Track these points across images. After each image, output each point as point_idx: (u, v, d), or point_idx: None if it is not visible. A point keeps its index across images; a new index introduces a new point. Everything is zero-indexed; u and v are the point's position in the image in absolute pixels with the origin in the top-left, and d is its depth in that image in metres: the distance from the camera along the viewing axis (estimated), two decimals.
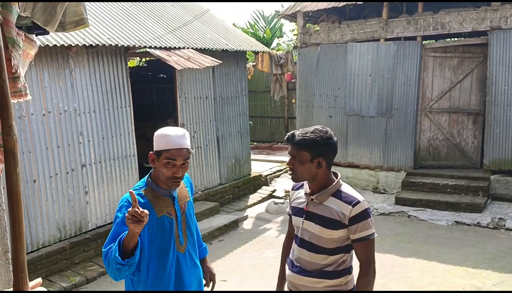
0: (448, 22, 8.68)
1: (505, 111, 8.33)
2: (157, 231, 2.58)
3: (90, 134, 6.47)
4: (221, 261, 6.50)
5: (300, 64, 10.53)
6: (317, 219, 2.59)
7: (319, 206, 2.60)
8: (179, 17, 8.87)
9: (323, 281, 2.61)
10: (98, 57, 6.54)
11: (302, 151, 2.52)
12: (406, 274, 5.83)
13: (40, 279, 1.52)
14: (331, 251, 2.59)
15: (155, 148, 2.58)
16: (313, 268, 2.62)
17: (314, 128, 2.56)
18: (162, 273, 2.60)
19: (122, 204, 2.56)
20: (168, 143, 2.53)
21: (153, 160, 2.60)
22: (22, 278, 1.41)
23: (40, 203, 5.91)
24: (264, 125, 15.11)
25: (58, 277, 5.87)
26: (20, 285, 1.41)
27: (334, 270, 2.61)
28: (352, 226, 2.51)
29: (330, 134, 2.56)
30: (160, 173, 2.58)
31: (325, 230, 2.55)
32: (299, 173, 2.58)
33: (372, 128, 9.61)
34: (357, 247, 2.57)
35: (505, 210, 7.91)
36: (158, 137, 2.58)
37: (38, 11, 1.82)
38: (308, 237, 2.63)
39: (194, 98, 8.31)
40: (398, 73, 9.23)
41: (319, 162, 2.53)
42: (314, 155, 2.51)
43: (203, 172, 8.63)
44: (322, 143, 2.51)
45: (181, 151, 2.54)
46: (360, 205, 2.52)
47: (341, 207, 2.53)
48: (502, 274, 5.69)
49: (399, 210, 8.34)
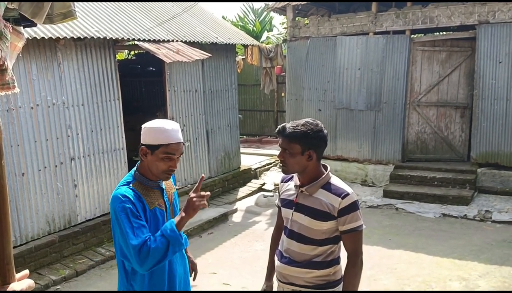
0: (437, 16, 8.73)
1: (492, 105, 8.42)
2: (150, 223, 2.58)
3: (78, 127, 6.44)
4: (210, 253, 6.53)
5: (289, 58, 10.54)
6: (306, 210, 2.62)
7: (309, 198, 2.63)
8: (168, 10, 8.84)
9: (312, 272, 2.65)
10: (87, 50, 6.50)
11: (293, 143, 2.54)
12: (393, 266, 5.89)
13: (27, 270, 1.53)
14: (320, 242, 2.62)
15: (148, 142, 2.53)
16: (302, 258, 2.66)
17: (305, 121, 2.58)
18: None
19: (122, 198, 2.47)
20: (167, 138, 2.51)
21: (145, 154, 2.56)
22: (8, 270, 1.42)
23: (28, 196, 5.88)
24: (253, 118, 15.11)
25: (47, 270, 5.86)
26: (7, 277, 1.42)
27: (322, 261, 2.65)
28: (341, 218, 2.55)
29: (320, 127, 2.59)
30: (153, 166, 2.56)
31: (315, 221, 2.59)
32: (290, 165, 2.60)
33: (361, 122, 9.67)
34: (345, 238, 2.62)
35: (492, 202, 8.01)
36: (153, 131, 2.53)
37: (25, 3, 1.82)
38: (298, 228, 2.66)
39: (184, 92, 8.30)
40: (387, 67, 9.28)
41: (310, 154, 2.56)
42: (305, 147, 2.54)
43: (193, 165, 8.63)
44: (312, 136, 2.54)
45: (179, 145, 2.56)
46: (349, 197, 2.56)
47: (331, 199, 2.57)
48: (487, 266, 5.78)
49: (387, 202, 8.41)
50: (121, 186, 2.58)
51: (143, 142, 2.57)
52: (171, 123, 2.58)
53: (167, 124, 2.56)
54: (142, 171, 2.63)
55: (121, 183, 2.63)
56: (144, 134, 2.57)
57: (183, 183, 8.36)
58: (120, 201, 2.46)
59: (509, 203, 7.89)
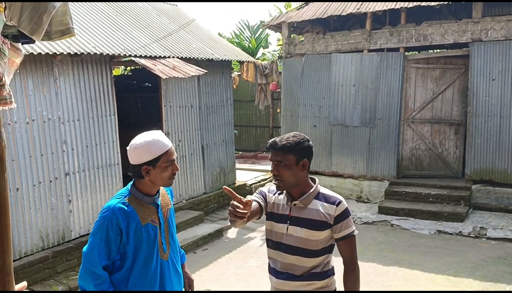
0: (430, 34, 8.83)
1: (486, 122, 8.48)
2: (142, 238, 2.59)
3: (74, 142, 6.44)
4: (205, 270, 6.49)
5: (284, 74, 10.60)
6: (303, 222, 2.64)
7: (303, 210, 2.66)
8: (164, 26, 8.90)
9: (313, 283, 2.67)
10: (83, 66, 6.53)
11: (287, 154, 2.58)
12: (388, 283, 5.88)
13: (25, 282, 1.54)
14: (317, 253, 2.66)
15: (146, 159, 2.54)
16: (302, 271, 2.67)
17: (294, 133, 2.67)
18: (144, 280, 2.61)
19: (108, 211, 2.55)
20: (162, 147, 2.57)
21: (147, 171, 2.57)
22: (8, 281, 1.44)
23: (23, 211, 5.85)
24: (249, 134, 15.14)
25: (40, 286, 5.80)
26: (7, 287, 1.43)
27: (321, 271, 2.69)
28: (337, 225, 2.62)
29: (308, 138, 2.68)
30: (157, 179, 2.59)
31: (312, 232, 2.62)
32: (286, 177, 2.60)
33: (356, 138, 9.71)
34: (342, 245, 2.67)
35: (486, 219, 8.03)
36: (146, 147, 2.54)
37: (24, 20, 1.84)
38: (295, 242, 2.67)
39: (179, 107, 8.33)
40: (381, 84, 9.36)
41: (304, 163, 2.62)
42: (299, 157, 2.59)
43: (188, 180, 8.62)
44: (305, 146, 2.62)
45: (172, 148, 2.64)
46: (342, 204, 2.65)
47: (326, 208, 2.63)
48: (483, 282, 5.78)
49: (382, 219, 8.42)
50: (115, 199, 2.60)
51: (140, 162, 2.56)
52: (154, 134, 2.62)
53: (153, 135, 2.60)
54: (139, 186, 2.65)
55: (116, 195, 2.65)
56: (136, 155, 2.56)
57: (178, 199, 8.34)
58: (104, 211, 2.56)
59: (503, 220, 7.91)
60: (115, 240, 2.53)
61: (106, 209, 2.56)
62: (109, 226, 2.51)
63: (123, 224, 2.52)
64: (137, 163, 2.57)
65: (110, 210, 2.53)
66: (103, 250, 2.52)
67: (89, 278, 2.52)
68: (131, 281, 2.59)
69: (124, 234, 2.53)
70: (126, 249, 2.57)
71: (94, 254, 2.51)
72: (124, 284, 2.60)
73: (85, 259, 2.55)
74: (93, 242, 2.54)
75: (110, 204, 2.58)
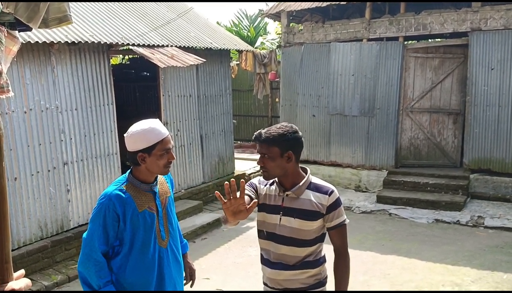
0: (430, 23, 8.80)
1: (485, 111, 8.48)
2: (138, 225, 2.61)
3: (72, 132, 6.43)
4: (204, 259, 6.51)
5: (283, 64, 10.57)
6: (296, 213, 2.65)
7: (296, 200, 2.67)
8: (162, 15, 8.85)
9: (307, 271, 2.70)
10: (81, 55, 6.50)
11: (271, 146, 2.58)
12: (387, 271, 5.91)
13: (23, 270, 1.55)
14: (310, 242, 2.68)
15: (142, 146, 2.57)
16: (295, 261, 2.69)
17: (280, 124, 2.66)
18: (141, 266, 2.63)
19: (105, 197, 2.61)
20: (158, 135, 2.58)
21: (143, 159, 2.60)
22: (7, 269, 1.44)
23: (21, 201, 5.85)
24: (247, 124, 15.12)
25: (39, 275, 5.82)
26: (5, 276, 1.44)
27: (314, 260, 2.72)
28: (329, 214, 2.64)
29: (295, 129, 2.65)
30: (153, 167, 2.62)
31: (305, 222, 2.63)
32: (271, 169, 2.62)
33: (355, 128, 9.70)
34: (333, 234, 2.70)
35: (484, 208, 8.06)
36: (142, 134, 2.57)
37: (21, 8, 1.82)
38: (288, 233, 2.68)
39: (178, 97, 8.30)
40: (380, 73, 9.33)
41: (289, 155, 2.61)
42: (283, 149, 2.58)
43: (187, 170, 8.62)
44: (290, 138, 2.59)
45: (169, 136, 2.64)
46: (334, 193, 2.67)
47: (319, 197, 2.64)
48: (480, 271, 5.81)
49: (381, 208, 8.44)
50: (113, 185, 2.64)
51: (136, 149, 2.59)
52: (151, 122, 2.64)
53: (150, 123, 2.62)
54: (136, 173, 2.68)
55: (114, 183, 2.71)
56: (132, 142, 2.59)
57: (177, 189, 8.35)
58: (101, 197, 2.61)
59: (501, 209, 7.93)
60: (113, 225, 2.58)
61: (103, 196, 2.61)
62: (106, 212, 2.56)
63: (120, 210, 2.57)
64: (133, 150, 2.60)
65: (107, 197, 2.58)
66: (101, 235, 2.57)
67: (89, 263, 2.56)
68: (128, 267, 2.62)
69: (121, 220, 2.59)
70: (123, 235, 2.61)
71: (94, 239, 2.57)
72: (122, 270, 2.62)
73: (85, 245, 2.60)
74: (92, 228, 2.60)
75: (107, 191, 2.63)
